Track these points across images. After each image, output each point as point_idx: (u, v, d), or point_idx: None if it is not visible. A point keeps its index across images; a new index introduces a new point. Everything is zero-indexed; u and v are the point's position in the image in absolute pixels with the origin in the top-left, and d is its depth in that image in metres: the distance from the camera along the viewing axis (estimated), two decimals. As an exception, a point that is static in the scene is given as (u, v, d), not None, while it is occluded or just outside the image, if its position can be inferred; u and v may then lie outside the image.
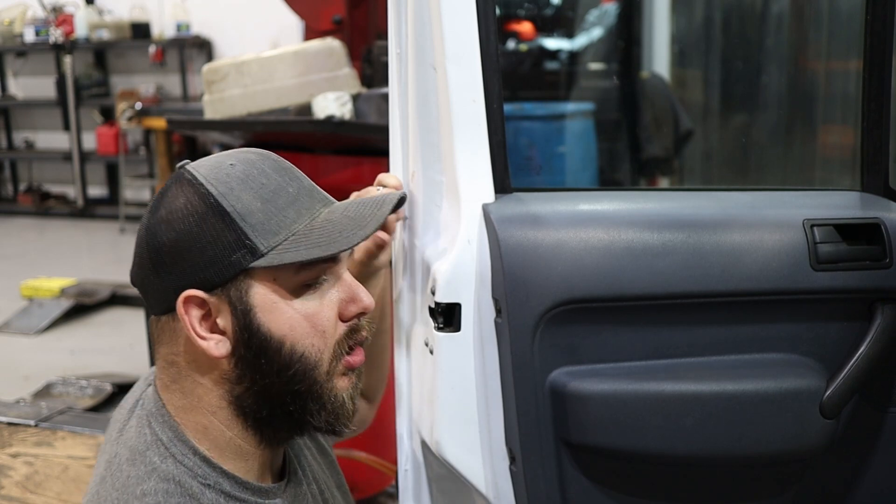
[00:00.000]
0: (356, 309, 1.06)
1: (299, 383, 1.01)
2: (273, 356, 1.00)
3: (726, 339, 1.53)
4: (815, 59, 3.70)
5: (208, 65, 3.34)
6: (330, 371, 1.03)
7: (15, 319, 5.38)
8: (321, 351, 1.02)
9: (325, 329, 1.03)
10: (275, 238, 0.99)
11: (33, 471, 2.61)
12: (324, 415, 1.04)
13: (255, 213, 0.99)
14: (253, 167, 1.02)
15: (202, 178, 1.00)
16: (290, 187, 1.03)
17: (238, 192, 0.99)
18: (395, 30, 1.63)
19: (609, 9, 4.62)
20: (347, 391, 1.06)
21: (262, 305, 0.99)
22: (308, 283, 1.02)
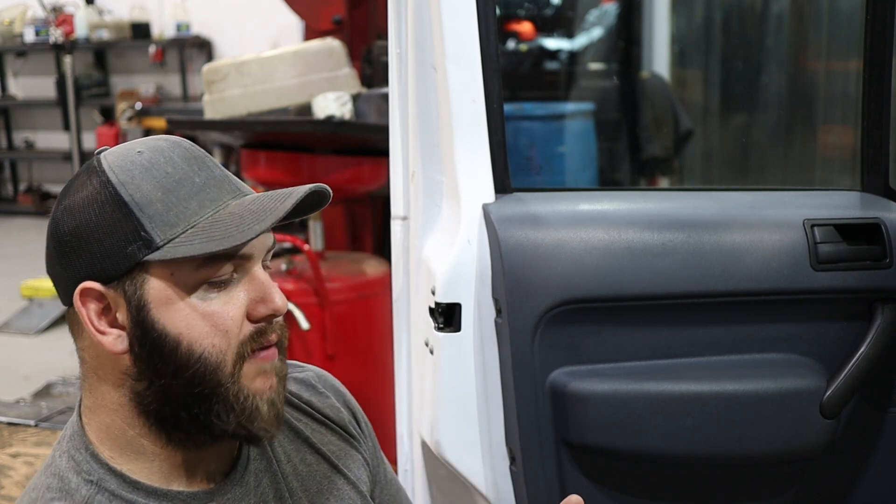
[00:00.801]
0: (265, 310, 0.96)
1: (199, 385, 0.94)
2: (169, 355, 0.94)
3: (726, 339, 1.53)
4: (815, 59, 3.71)
5: (208, 65, 3.34)
6: (235, 373, 0.96)
7: (15, 319, 5.38)
8: (223, 352, 0.95)
9: (228, 329, 0.95)
10: (172, 230, 0.93)
11: (33, 471, 2.61)
12: (233, 417, 0.96)
13: (153, 203, 0.94)
14: (161, 155, 0.97)
15: (106, 166, 0.96)
16: (197, 177, 0.96)
17: (139, 181, 0.95)
18: (395, 30, 1.63)
19: (609, 9, 4.62)
20: (264, 395, 0.97)
21: (156, 301, 0.94)
22: (212, 281, 0.95)
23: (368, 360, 2.98)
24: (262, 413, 0.97)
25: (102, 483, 0.96)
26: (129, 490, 0.97)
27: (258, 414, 0.97)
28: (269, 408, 0.98)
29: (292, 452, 1.13)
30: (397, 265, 1.69)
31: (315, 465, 1.14)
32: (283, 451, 1.12)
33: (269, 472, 1.08)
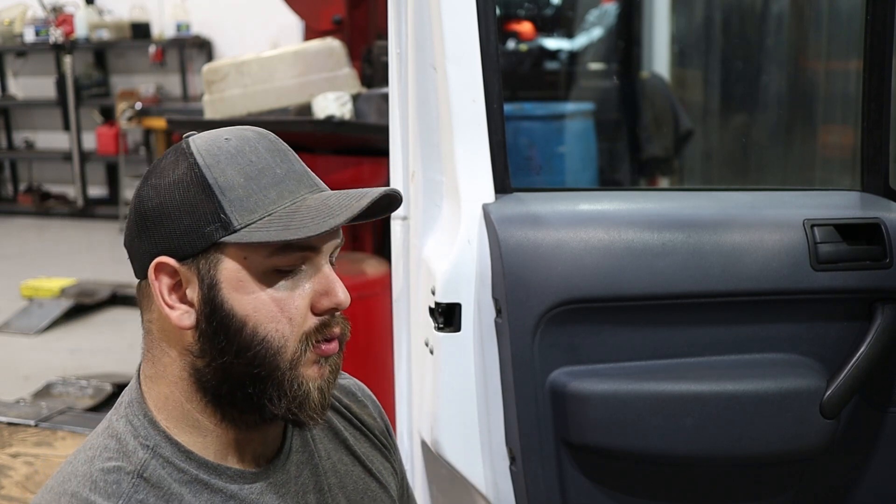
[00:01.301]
0: (328, 303, 1.00)
1: (259, 367, 0.98)
2: (234, 335, 0.98)
3: (726, 339, 1.53)
4: (815, 59, 3.70)
5: (208, 65, 3.34)
6: (294, 359, 0.99)
7: (15, 319, 5.38)
8: (285, 337, 0.99)
9: (293, 317, 0.99)
10: (250, 216, 0.97)
11: (33, 471, 2.61)
12: (284, 402, 1.00)
13: (235, 188, 0.98)
14: (246, 144, 1.02)
15: (195, 149, 1.00)
16: (279, 168, 1.01)
17: (224, 165, 0.99)
18: (395, 30, 1.63)
19: (609, 9, 4.62)
20: (316, 381, 1.01)
21: (228, 282, 0.98)
22: (281, 269, 0.99)
23: (368, 360, 2.98)
24: (313, 399, 1.01)
25: (158, 449, 1.00)
26: (182, 459, 1.01)
27: (308, 401, 1.01)
28: (318, 395, 1.01)
29: (332, 451, 1.17)
30: (397, 265, 1.69)
31: (351, 467, 1.18)
32: (323, 448, 1.16)
33: (310, 465, 1.12)
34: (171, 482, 0.99)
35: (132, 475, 0.98)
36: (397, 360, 1.71)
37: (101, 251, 7.55)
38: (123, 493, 0.96)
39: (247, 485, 1.04)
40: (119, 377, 4.32)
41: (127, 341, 4.93)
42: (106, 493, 0.96)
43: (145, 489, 0.97)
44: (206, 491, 1.01)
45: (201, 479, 1.01)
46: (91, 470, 0.98)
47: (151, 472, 0.99)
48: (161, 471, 0.99)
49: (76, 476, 0.98)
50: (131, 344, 4.84)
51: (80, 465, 0.99)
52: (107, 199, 8.83)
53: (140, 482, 0.97)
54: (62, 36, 8.21)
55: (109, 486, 0.96)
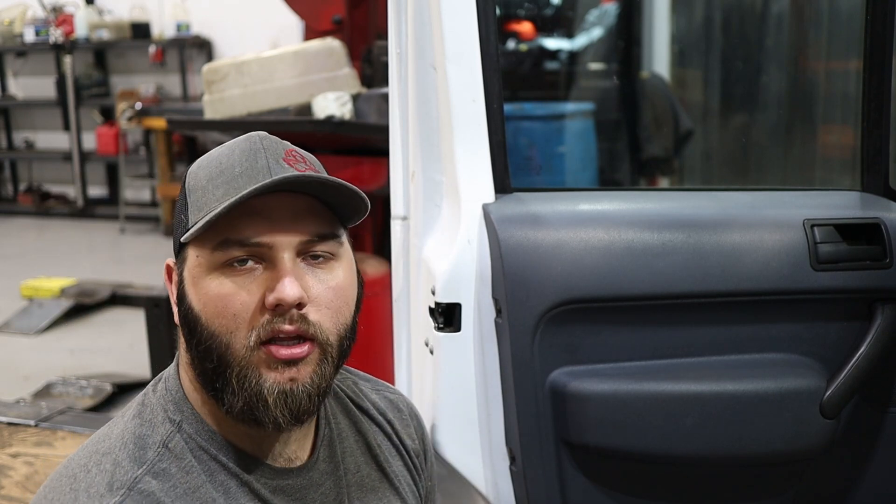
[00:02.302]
0: (272, 299, 0.98)
1: (212, 361, 1.00)
2: (193, 330, 1.01)
3: (726, 339, 1.53)
4: (815, 59, 3.70)
5: (208, 65, 3.34)
6: (246, 356, 0.99)
7: (15, 319, 5.37)
8: (231, 332, 0.99)
9: (237, 312, 0.99)
10: (198, 214, 1.01)
11: (33, 471, 2.61)
12: (239, 400, 1.00)
13: (197, 190, 1.03)
14: (228, 147, 1.05)
15: (200, 158, 1.07)
16: (238, 167, 1.02)
17: (200, 170, 1.05)
18: (395, 30, 1.63)
19: (609, 9, 4.62)
20: (277, 384, 0.99)
21: (187, 279, 1.02)
22: (229, 264, 0.99)
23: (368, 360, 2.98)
24: (269, 403, 0.99)
25: (183, 424, 1.04)
26: (205, 438, 1.04)
27: (262, 402, 0.99)
28: (276, 399, 0.99)
29: (362, 465, 1.17)
30: (397, 265, 1.69)
31: (378, 484, 1.18)
32: (353, 461, 1.16)
33: (333, 476, 1.13)
34: (192, 457, 1.02)
35: (158, 444, 1.01)
36: (397, 360, 1.71)
37: (101, 251, 7.55)
38: (148, 459, 1.00)
39: (263, 478, 1.05)
40: (119, 377, 4.32)
41: (127, 341, 4.92)
42: (133, 457, 1.00)
43: (169, 458, 1.01)
44: (223, 472, 1.03)
45: (220, 459, 1.03)
46: (124, 434, 1.02)
47: (175, 444, 1.02)
48: (184, 444, 1.03)
49: (110, 438, 1.03)
50: (131, 344, 4.84)
51: (116, 429, 1.04)
52: (107, 199, 8.83)
53: (165, 451, 1.01)
54: (62, 36, 8.21)
55: (137, 451, 1.00)
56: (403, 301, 1.67)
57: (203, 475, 1.02)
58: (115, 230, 8.08)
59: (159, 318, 3.96)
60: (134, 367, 4.49)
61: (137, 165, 8.53)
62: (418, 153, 1.59)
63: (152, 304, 4.03)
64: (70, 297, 5.52)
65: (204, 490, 1.01)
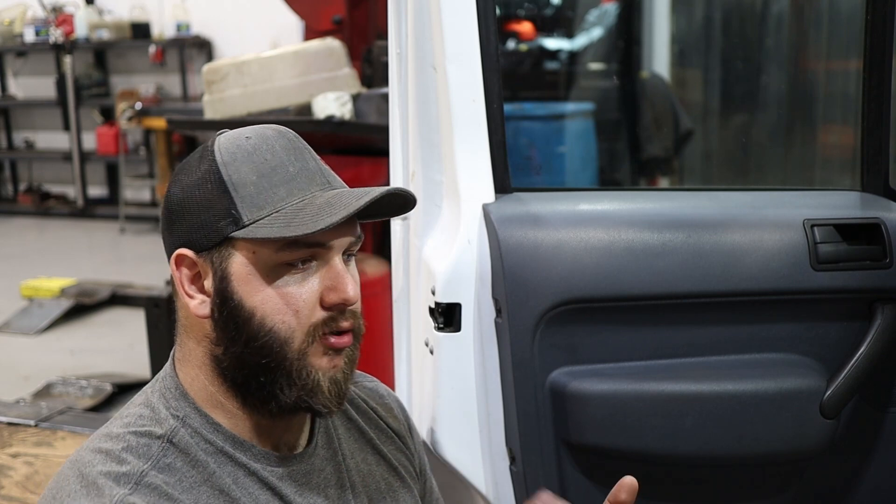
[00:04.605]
0: (335, 298, 1.03)
1: (267, 357, 1.03)
2: (242, 326, 1.03)
3: (726, 339, 1.53)
4: (815, 59, 3.70)
5: (208, 65, 3.34)
6: (302, 350, 1.03)
7: (15, 319, 5.37)
8: (292, 329, 1.02)
9: (299, 309, 1.03)
10: (259, 212, 1.02)
11: (33, 471, 2.60)
12: (294, 391, 1.04)
13: (247, 185, 1.03)
14: (264, 142, 1.06)
15: (217, 147, 1.06)
16: (292, 167, 1.05)
17: (240, 163, 1.04)
18: (395, 30, 1.63)
19: (609, 9, 4.61)
20: (327, 372, 1.05)
21: (237, 275, 1.03)
22: (290, 263, 1.03)
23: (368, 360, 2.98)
24: (323, 389, 1.05)
25: (187, 419, 1.05)
26: (210, 431, 1.06)
27: (319, 390, 1.04)
28: (330, 385, 1.05)
29: (356, 451, 1.20)
30: (397, 265, 1.69)
31: (375, 467, 1.22)
32: (348, 447, 1.19)
33: (333, 462, 1.16)
34: (198, 451, 1.04)
35: (162, 440, 1.03)
36: (397, 360, 1.71)
37: (101, 251, 7.55)
38: (153, 455, 1.01)
39: (270, 466, 1.08)
40: (119, 377, 4.32)
41: (127, 341, 4.92)
42: (137, 453, 1.01)
43: (174, 453, 1.02)
44: (230, 463, 1.05)
45: (227, 451, 1.05)
46: (125, 433, 1.04)
47: (180, 439, 1.04)
48: (189, 439, 1.04)
49: (111, 438, 1.04)
50: (131, 344, 4.84)
51: (115, 429, 1.05)
52: (107, 199, 8.83)
53: (169, 447, 1.03)
54: (62, 36, 8.21)
55: (140, 447, 1.02)
56: (403, 301, 1.68)
57: (212, 466, 1.04)
58: (115, 230, 8.09)
59: (159, 318, 3.96)
60: (134, 367, 4.49)
61: (137, 165, 8.53)
62: (418, 153, 1.59)
63: (152, 304, 4.04)
64: (70, 297, 5.52)
65: (213, 482, 1.03)
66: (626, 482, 1.07)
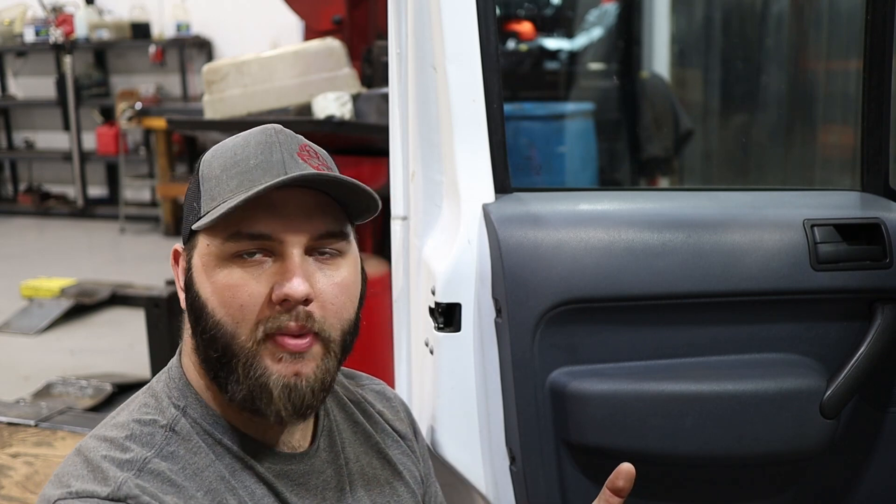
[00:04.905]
0: (279, 292, 0.99)
1: (217, 350, 1.02)
2: (199, 317, 1.03)
3: (726, 339, 1.53)
4: (815, 59, 3.70)
5: (208, 65, 3.34)
6: (251, 348, 1.00)
7: (15, 319, 5.37)
8: (237, 322, 1.00)
9: (244, 303, 1.00)
10: (211, 204, 1.02)
11: (33, 471, 2.60)
12: (241, 389, 1.01)
13: (211, 179, 1.04)
14: (243, 138, 1.06)
15: (212, 147, 1.09)
16: (254, 159, 1.03)
17: (214, 159, 1.06)
18: (395, 30, 1.63)
19: (609, 9, 4.61)
20: (279, 377, 1.00)
21: (196, 267, 1.03)
22: (239, 255, 1.01)
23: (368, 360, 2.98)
24: (273, 395, 1.01)
25: (188, 409, 1.06)
26: (210, 422, 1.06)
27: (266, 393, 1.01)
28: (281, 392, 1.01)
29: (361, 454, 1.19)
30: (397, 265, 1.69)
31: (380, 470, 1.20)
32: (352, 451, 1.18)
33: (334, 465, 1.14)
34: (199, 439, 1.04)
35: (165, 428, 1.03)
36: (397, 360, 1.71)
37: (101, 251, 7.55)
38: (157, 444, 1.02)
39: (267, 462, 1.07)
40: (119, 377, 4.32)
41: (127, 341, 4.92)
42: (141, 441, 1.02)
43: (176, 441, 1.03)
44: (228, 455, 1.05)
45: (224, 443, 1.05)
46: (130, 421, 1.04)
47: (182, 427, 1.04)
48: (190, 427, 1.04)
49: (117, 426, 1.04)
50: (131, 344, 4.84)
51: (121, 418, 1.06)
52: (107, 199, 8.83)
53: (172, 435, 1.03)
54: (62, 36, 8.20)
55: (145, 436, 1.02)
56: (403, 301, 1.68)
57: (211, 455, 1.04)
58: (115, 230, 8.09)
59: (159, 318, 3.96)
60: (134, 367, 4.50)
61: (137, 165, 8.53)
62: (418, 153, 1.59)
63: (152, 304, 4.03)
64: (70, 297, 5.52)
65: (212, 469, 1.03)
66: (623, 469, 1.07)
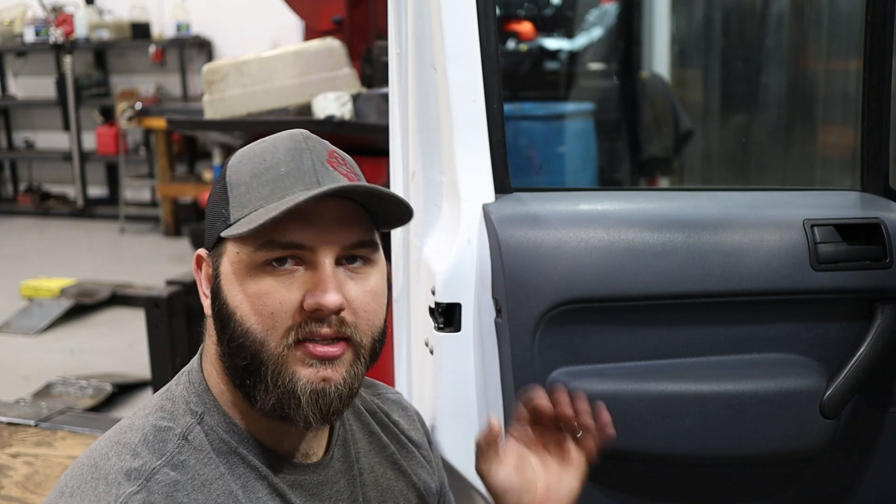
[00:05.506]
0: (311, 302, 0.98)
1: (245, 358, 1.00)
2: (226, 325, 1.01)
3: (726, 339, 1.53)
4: (815, 59, 3.70)
5: (208, 65, 3.34)
6: (281, 354, 1.00)
7: (15, 319, 5.37)
8: (267, 331, 0.99)
9: (274, 311, 0.99)
10: (242, 211, 1.01)
11: (33, 471, 2.60)
12: (271, 397, 1.00)
13: (240, 185, 1.03)
14: (272, 144, 1.05)
15: (237, 152, 1.07)
16: (284, 167, 1.02)
17: (242, 165, 1.04)
18: (395, 30, 1.63)
19: (609, 9, 4.61)
20: (307, 383, 1.00)
21: (225, 274, 1.02)
22: (270, 264, 1.00)
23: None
24: (301, 402, 1.00)
25: (206, 416, 1.05)
26: (226, 429, 1.04)
27: (294, 400, 1.00)
28: (309, 398, 1.00)
29: (376, 465, 1.18)
30: (397, 265, 1.69)
31: (395, 482, 1.20)
32: (367, 461, 1.17)
33: (347, 475, 1.13)
34: (211, 450, 1.03)
35: (178, 437, 1.02)
36: (397, 360, 1.71)
37: (101, 251, 7.55)
38: (168, 451, 1.01)
39: (282, 472, 1.06)
40: (119, 377, 4.32)
41: (127, 341, 4.92)
42: (153, 448, 1.01)
43: (188, 450, 1.01)
44: (242, 465, 1.04)
45: (240, 452, 1.04)
46: (145, 425, 1.03)
47: (195, 436, 1.03)
48: (203, 437, 1.03)
49: (132, 429, 1.03)
50: (131, 344, 4.84)
51: (138, 420, 1.05)
52: (107, 199, 8.83)
53: (184, 444, 1.02)
54: (62, 36, 8.20)
55: (157, 443, 1.01)
56: (403, 301, 1.67)
57: (222, 467, 1.02)
58: (115, 230, 8.08)
59: (159, 318, 3.96)
60: (134, 367, 4.49)
61: (137, 165, 8.53)
62: (418, 153, 1.59)
63: (152, 304, 4.03)
64: (70, 297, 5.52)
65: (222, 482, 1.02)
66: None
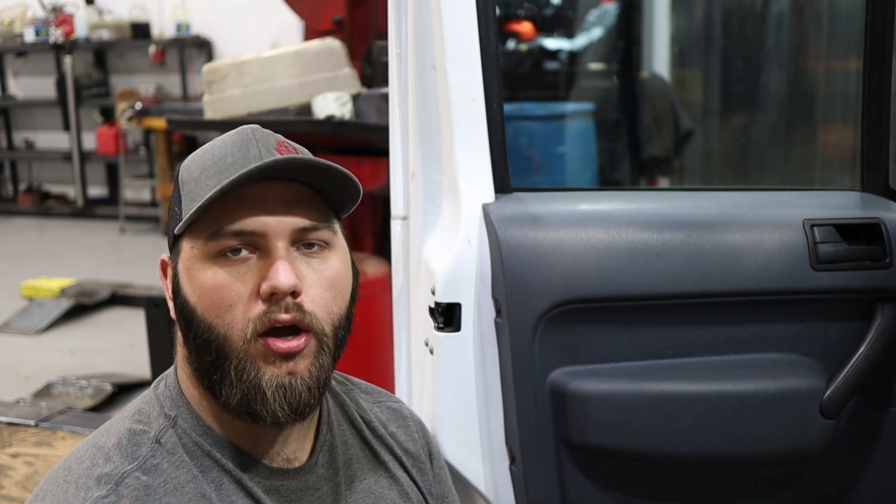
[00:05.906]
0: (266, 287, 0.96)
1: (209, 353, 0.98)
2: (189, 323, 1.00)
3: (726, 339, 1.53)
4: (815, 59, 3.70)
5: (208, 65, 3.34)
6: (245, 348, 0.97)
7: (15, 319, 5.37)
8: (228, 324, 0.97)
9: (233, 303, 0.97)
10: (191, 205, 0.99)
11: (33, 471, 2.61)
12: (237, 393, 0.98)
13: (190, 181, 1.02)
14: (221, 139, 1.05)
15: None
16: (230, 157, 1.01)
17: (192, 163, 1.04)
18: (395, 30, 1.63)
19: (609, 9, 4.61)
20: (272, 378, 0.98)
21: (183, 271, 1.01)
22: (223, 254, 0.98)
23: (368, 360, 2.98)
24: (267, 396, 0.98)
25: (179, 419, 1.04)
26: (199, 433, 1.03)
27: (260, 395, 0.98)
28: (275, 392, 0.98)
29: (368, 473, 1.16)
30: (397, 265, 1.69)
31: (387, 490, 1.17)
32: (360, 469, 1.15)
33: (332, 482, 1.11)
34: (184, 453, 1.01)
35: (152, 440, 1.01)
36: (397, 360, 1.71)
37: (101, 251, 7.55)
38: (140, 455, 1.00)
39: (258, 477, 1.04)
40: (119, 377, 4.32)
41: (127, 341, 4.92)
42: (125, 452, 1.00)
43: (161, 454, 1.00)
44: (216, 468, 1.02)
45: (213, 455, 1.02)
46: (121, 429, 1.03)
47: (168, 439, 1.02)
48: (177, 440, 1.02)
49: (109, 433, 1.03)
50: (131, 344, 4.84)
51: (115, 424, 1.05)
52: (107, 199, 8.83)
53: (157, 447, 1.01)
54: (62, 36, 8.20)
55: (130, 447, 1.00)
56: (403, 301, 1.67)
57: (195, 470, 1.01)
58: (115, 230, 8.08)
59: (159, 318, 3.97)
60: (134, 367, 4.49)
61: (137, 165, 8.53)
62: (418, 153, 1.59)
63: (152, 304, 4.04)
64: (70, 297, 5.52)
65: (195, 485, 1.00)
66: None
